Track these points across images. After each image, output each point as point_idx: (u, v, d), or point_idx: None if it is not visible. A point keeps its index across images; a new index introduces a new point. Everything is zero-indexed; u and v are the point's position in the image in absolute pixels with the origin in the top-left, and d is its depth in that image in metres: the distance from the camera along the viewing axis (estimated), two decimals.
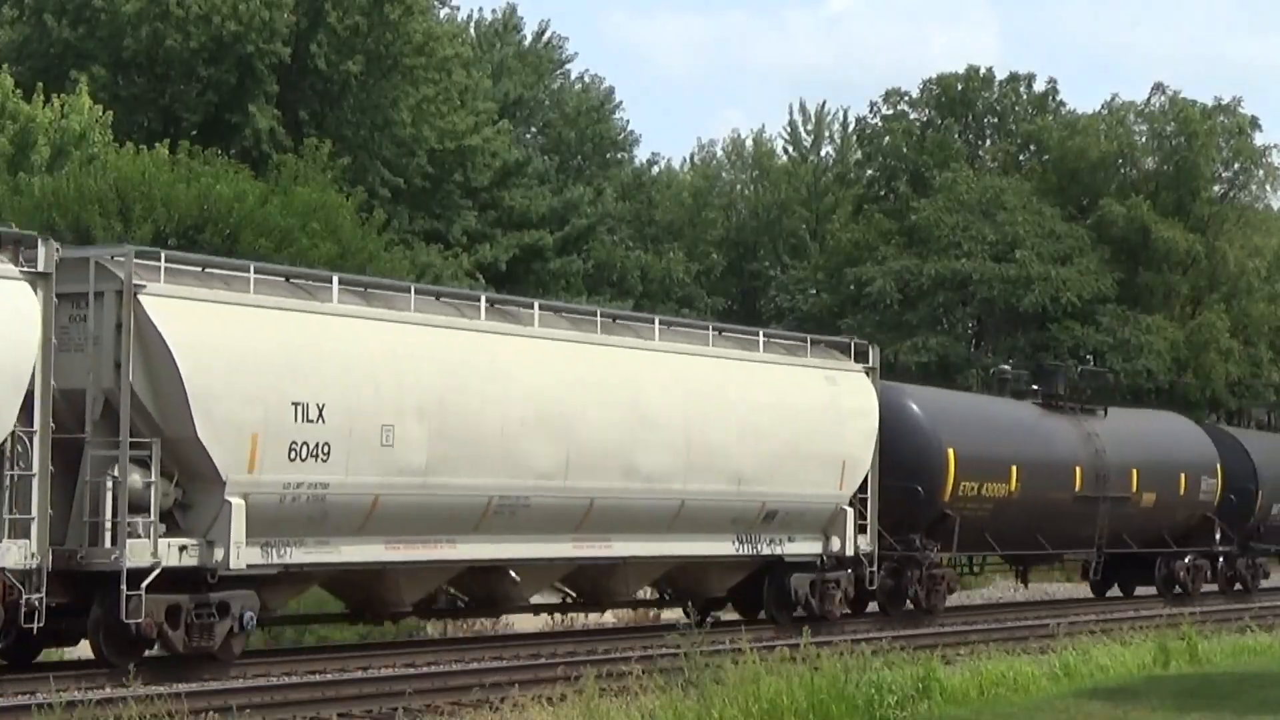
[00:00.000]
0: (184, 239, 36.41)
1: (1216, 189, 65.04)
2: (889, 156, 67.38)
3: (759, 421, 26.12)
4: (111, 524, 18.53)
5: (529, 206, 61.23)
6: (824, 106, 78.02)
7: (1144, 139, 65.25)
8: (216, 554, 19.19)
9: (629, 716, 15.90)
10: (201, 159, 41.36)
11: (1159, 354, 59.61)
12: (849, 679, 16.94)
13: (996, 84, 68.33)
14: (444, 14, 61.20)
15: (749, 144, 78.85)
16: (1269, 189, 66.41)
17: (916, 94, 68.01)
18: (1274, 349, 65.21)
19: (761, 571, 27.22)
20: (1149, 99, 64.88)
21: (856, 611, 29.64)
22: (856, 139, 71.76)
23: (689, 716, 15.75)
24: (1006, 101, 68.57)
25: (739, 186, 78.20)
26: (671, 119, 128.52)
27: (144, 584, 18.49)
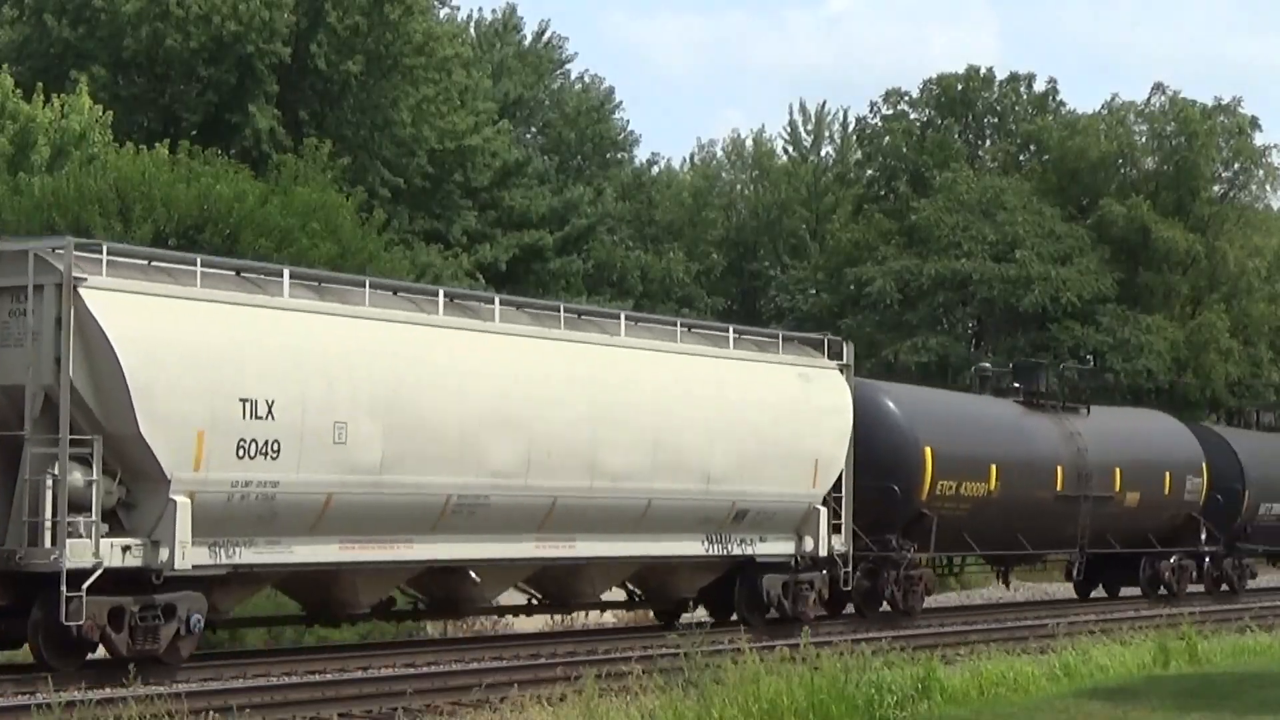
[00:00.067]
0: (184, 239, 36.37)
1: (1216, 189, 65.04)
2: (889, 156, 67.36)
3: (729, 419, 25.61)
4: (51, 524, 18.08)
5: (529, 206, 61.22)
6: (824, 106, 78.25)
7: (1144, 139, 65.26)
8: (161, 554, 18.74)
9: (629, 716, 15.90)
10: (201, 159, 41.30)
11: (1159, 354, 59.60)
12: (849, 679, 16.94)
13: (996, 84, 68.31)
14: (444, 14, 61.23)
15: (749, 144, 79.01)
16: (1269, 189, 66.50)
17: (916, 94, 68.10)
18: (1274, 349, 65.21)
19: (733, 572, 26.67)
20: (1149, 99, 65.01)
21: (833, 613, 29.24)
22: (856, 139, 71.76)
23: (689, 716, 15.75)
24: (1006, 101, 68.55)
25: (739, 186, 78.22)
26: (671, 119, 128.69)
27: (85, 585, 18.07)
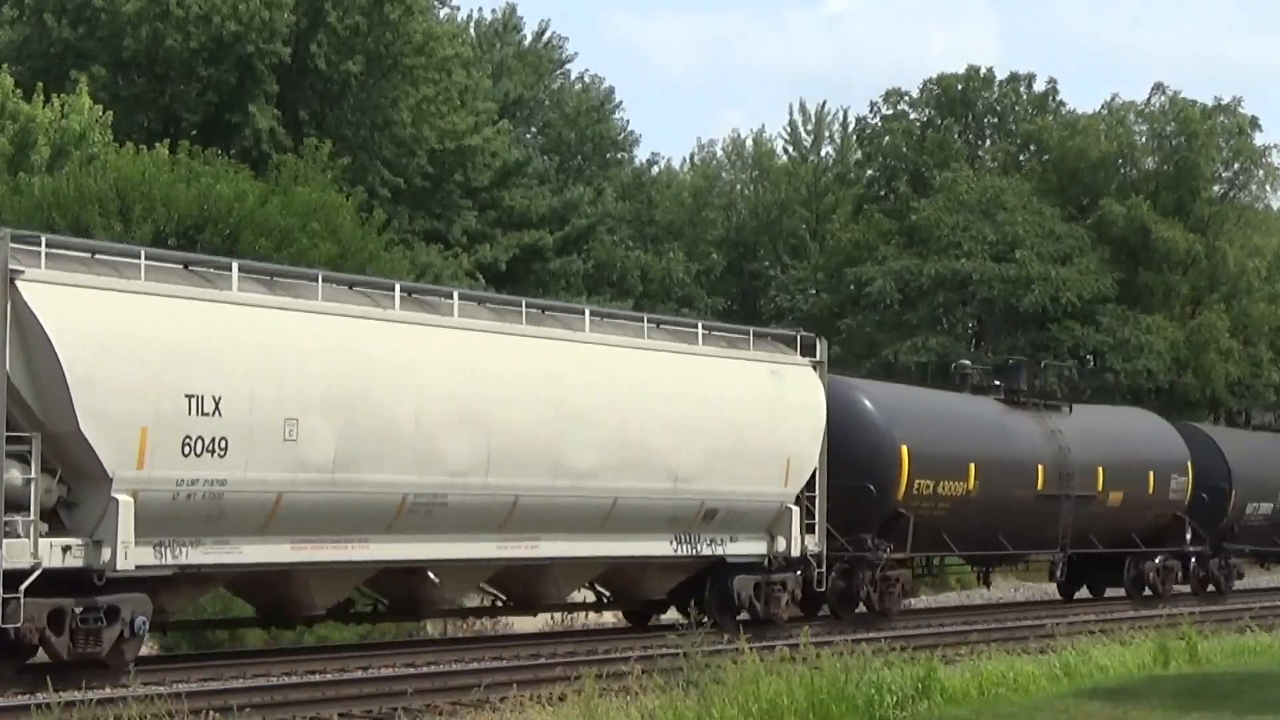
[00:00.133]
0: (184, 239, 36.40)
1: (1216, 189, 65.04)
2: (889, 156, 67.36)
3: (696, 417, 25.10)
4: None
5: (529, 206, 61.21)
6: (824, 106, 78.24)
7: (1144, 139, 65.26)
8: (103, 555, 18.25)
9: (629, 716, 15.89)
10: (201, 159, 41.31)
11: (1159, 354, 59.60)
12: (849, 679, 16.93)
13: (996, 84, 68.31)
14: (444, 14, 61.24)
15: (749, 144, 78.99)
16: (1269, 189, 66.50)
17: (916, 94, 68.10)
18: (1274, 349, 65.19)
19: (704, 573, 26.16)
20: (1149, 99, 65.01)
21: (809, 614, 28.79)
22: (856, 139, 71.77)
23: (689, 716, 15.74)
24: (1006, 101, 68.54)
25: (739, 186, 78.21)
26: (671, 119, 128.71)
27: (23, 586, 17.63)
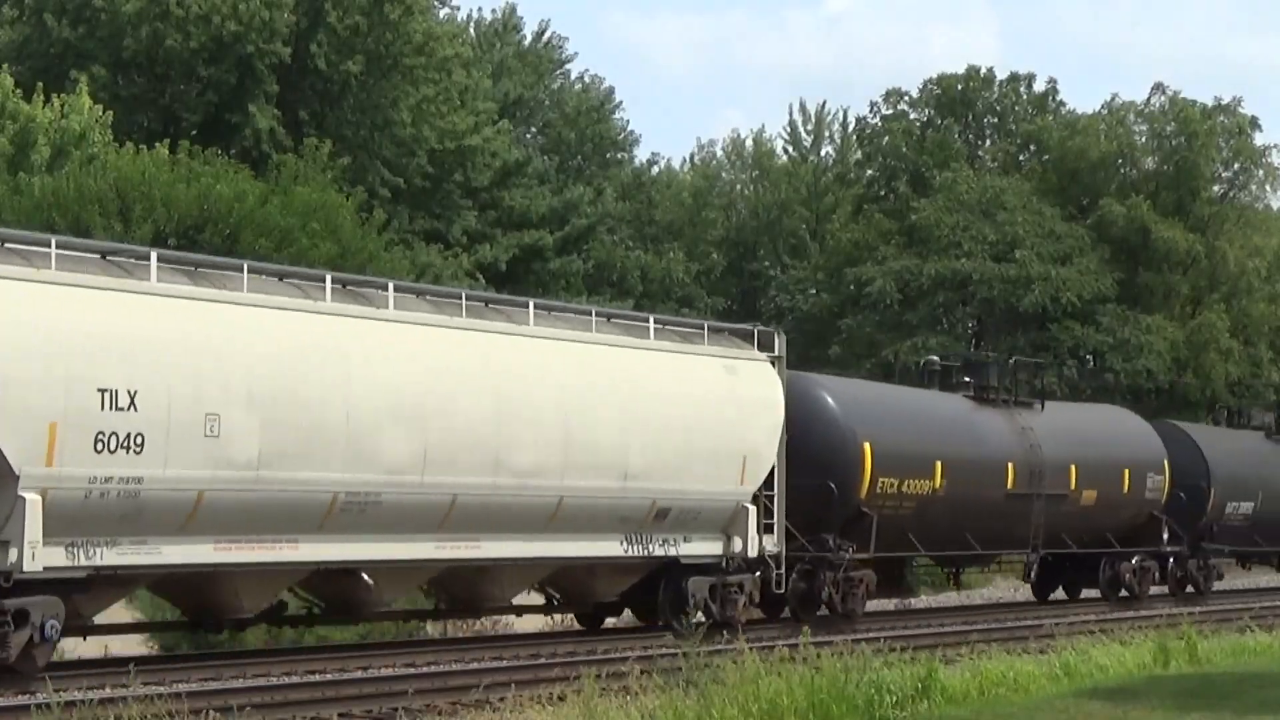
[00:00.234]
0: (184, 239, 36.40)
1: (1216, 189, 65.05)
2: (889, 156, 67.34)
3: (647, 413, 24.33)
4: None
5: (529, 206, 61.21)
6: (824, 106, 78.26)
7: (1144, 139, 65.26)
8: (10, 556, 17.51)
9: (629, 716, 15.87)
10: (201, 159, 41.33)
11: (1159, 354, 59.60)
12: (849, 679, 16.92)
13: (996, 84, 68.29)
14: (444, 14, 61.25)
15: (749, 144, 78.98)
16: (1269, 189, 66.51)
17: (916, 94, 68.06)
18: (1274, 349, 65.22)
19: (658, 574, 25.34)
20: (1149, 99, 65.01)
21: (771, 617, 28.23)
22: (856, 139, 71.76)
23: (689, 716, 15.73)
24: (1006, 101, 68.54)
25: (739, 186, 78.21)
26: (671, 119, 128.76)
27: None
